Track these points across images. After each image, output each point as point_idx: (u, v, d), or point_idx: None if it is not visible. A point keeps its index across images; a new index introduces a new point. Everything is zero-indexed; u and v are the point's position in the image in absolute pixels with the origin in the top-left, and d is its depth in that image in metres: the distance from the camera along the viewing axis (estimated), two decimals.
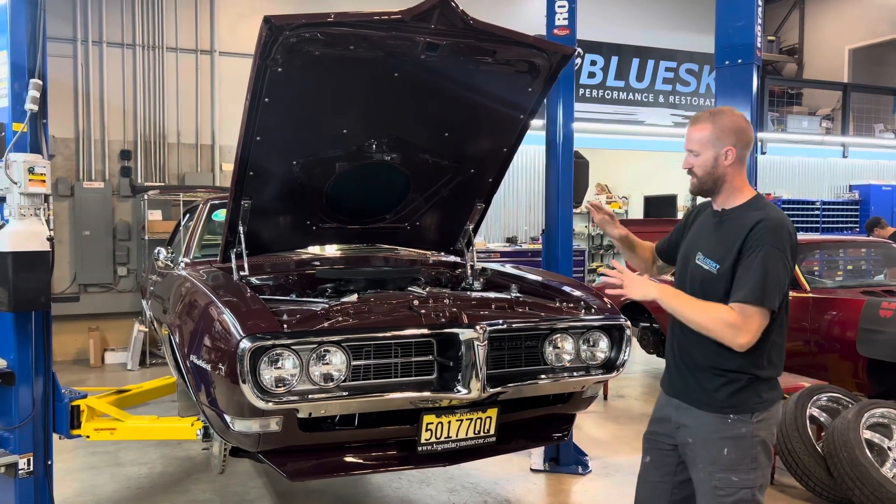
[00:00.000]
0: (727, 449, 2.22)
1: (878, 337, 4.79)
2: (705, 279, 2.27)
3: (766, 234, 2.15)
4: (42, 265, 3.29)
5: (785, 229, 2.19)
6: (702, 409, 2.28)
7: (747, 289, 2.13)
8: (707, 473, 2.25)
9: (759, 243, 2.14)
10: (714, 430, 2.24)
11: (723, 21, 5.30)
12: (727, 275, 2.20)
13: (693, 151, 2.32)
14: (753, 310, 2.13)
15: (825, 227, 12.03)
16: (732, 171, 2.28)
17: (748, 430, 2.22)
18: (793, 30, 14.93)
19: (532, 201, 11.03)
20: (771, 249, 2.14)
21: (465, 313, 2.92)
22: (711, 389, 2.25)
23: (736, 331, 2.13)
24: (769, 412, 2.26)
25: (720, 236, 2.28)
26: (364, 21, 2.77)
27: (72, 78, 8.57)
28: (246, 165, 3.15)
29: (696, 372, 2.29)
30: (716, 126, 2.28)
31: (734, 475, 2.21)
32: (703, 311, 2.18)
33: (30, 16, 3.34)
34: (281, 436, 2.76)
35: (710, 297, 2.23)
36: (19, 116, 3.31)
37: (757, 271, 2.13)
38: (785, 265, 2.16)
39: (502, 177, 3.79)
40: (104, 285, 8.76)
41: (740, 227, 2.22)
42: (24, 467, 3.37)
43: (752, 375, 2.22)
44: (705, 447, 2.26)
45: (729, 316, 2.13)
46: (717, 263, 2.23)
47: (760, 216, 2.20)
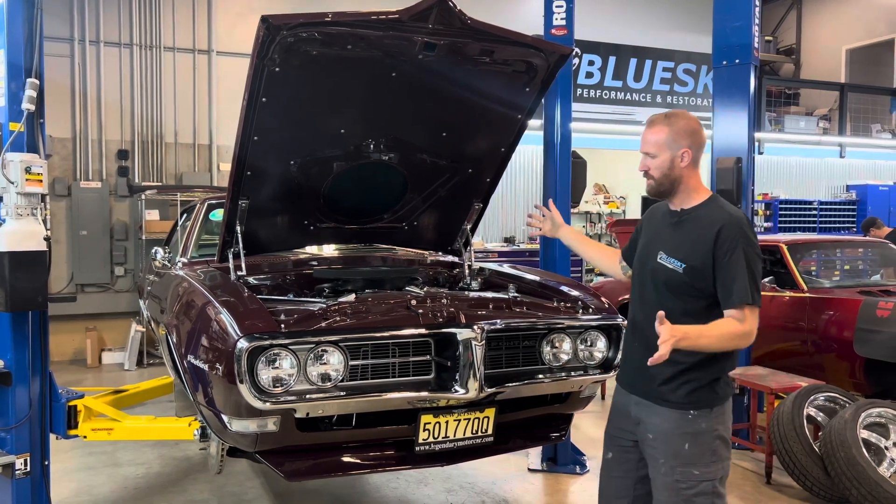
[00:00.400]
0: (688, 444, 2.27)
1: (875, 337, 4.79)
2: (670, 278, 2.31)
3: (736, 234, 2.22)
4: (39, 265, 3.28)
5: (748, 226, 2.28)
6: (662, 405, 2.32)
7: (740, 292, 2.20)
8: (669, 468, 2.30)
9: (733, 244, 2.21)
10: (675, 426, 2.30)
11: (720, 21, 5.31)
12: (693, 273, 2.26)
13: (650, 154, 2.37)
14: (750, 310, 2.21)
15: (822, 227, 12.05)
16: (688, 173, 2.34)
17: (708, 424, 2.29)
18: (790, 30, 14.94)
19: (530, 201, 11.03)
20: (747, 248, 2.22)
21: (462, 313, 2.92)
22: (673, 387, 2.30)
23: (746, 337, 2.22)
24: (725, 406, 2.34)
25: (682, 235, 2.33)
26: (361, 21, 2.77)
27: (69, 77, 8.56)
28: (243, 165, 3.15)
29: (658, 370, 2.28)
30: (672, 129, 2.33)
31: (695, 469, 2.27)
32: (719, 336, 2.19)
33: (27, 15, 3.34)
34: (278, 436, 2.76)
35: (676, 293, 2.30)
36: (16, 116, 3.30)
37: (742, 273, 2.19)
38: (760, 261, 2.26)
39: (500, 177, 3.79)
40: (101, 285, 8.74)
41: (704, 227, 2.27)
42: (21, 467, 3.36)
43: (714, 374, 2.29)
44: (666, 443, 2.31)
45: (738, 327, 2.20)
46: (682, 262, 2.28)
47: (725, 217, 2.27)
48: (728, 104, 5.31)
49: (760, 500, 4.27)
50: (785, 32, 15.01)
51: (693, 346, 2.17)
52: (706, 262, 2.24)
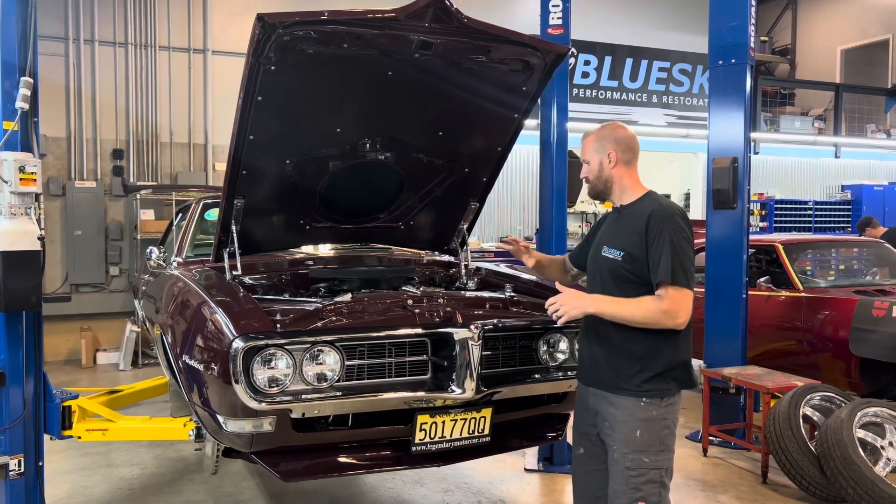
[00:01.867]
0: (639, 431, 2.39)
1: (870, 336, 4.81)
2: (611, 266, 2.48)
3: (664, 221, 2.38)
4: (33, 265, 3.26)
5: (678, 213, 2.42)
6: (616, 393, 2.44)
7: (662, 271, 2.32)
8: (621, 454, 2.41)
9: (660, 229, 2.36)
10: (628, 413, 2.41)
11: (716, 21, 5.32)
12: (630, 259, 2.42)
13: (586, 161, 2.61)
14: (675, 290, 2.32)
15: (817, 227, 12.08)
16: (619, 173, 2.54)
17: (659, 413, 2.40)
18: (785, 30, 14.97)
19: (526, 201, 11.03)
20: (673, 234, 2.35)
21: (459, 313, 2.91)
22: (628, 375, 2.41)
23: (670, 314, 2.32)
24: (675, 398, 2.46)
25: (620, 228, 2.52)
26: (357, 19, 2.76)
27: (63, 77, 8.52)
28: (239, 164, 3.14)
29: (613, 359, 2.45)
30: (597, 136, 2.58)
31: (645, 456, 2.38)
32: (638, 308, 2.35)
33: (20, 14, 3.32)
34: (274, 436, 2.75)
35: (618, 282, 2.45)
36: (10, 115, 3.29)
37: (666, 254, 2.32)
38: (689, 245, 2.38)
39: (496, 176, 3.79)
40: (96, 285, 8.71)
41: (637, 217, 2.45)
42: (15, 468, 3.34)
43: (666, 363, 2.40)
44: (619, 429, 2.42)
45: (660, 304, 2.32)
46: (620, 251, 2.45)
47: (654, 206, 2.44)
48: (724, 104, 5.32)
49: (757, 499, 4.27)
50: (780, 33, 15.04)
51: (605, 312, 2.37)
52: (640, 248, 2.39)
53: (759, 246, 6.24)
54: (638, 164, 2.60)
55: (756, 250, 6.24)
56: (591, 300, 2.43)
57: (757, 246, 6.21)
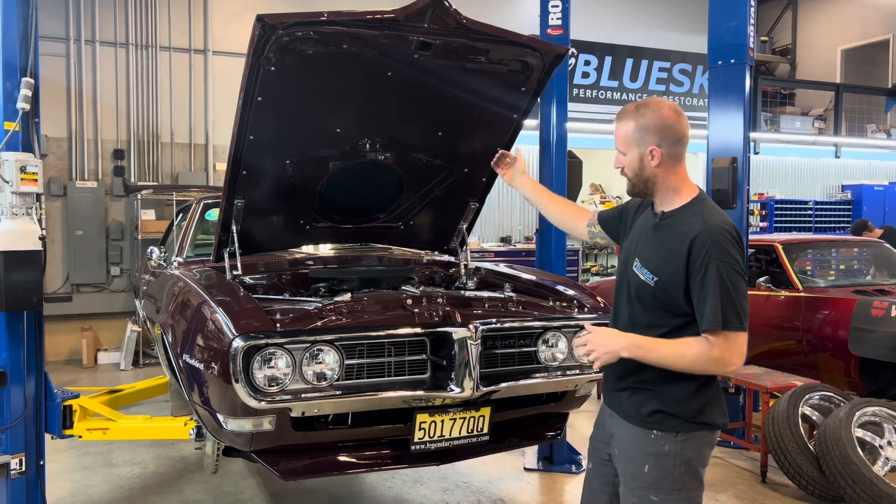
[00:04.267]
0: (648, 466, 2.08)
1: (869, 336, 4.81)
2: (640, 288, 2.11)
3: (710, 249, 1.96)
4: (34, 264, 3.28)
5: (726, 236, 1.99)
6: (627, 420, 2.15)
7: (709, 316, 1.94)
8: (628, 489, 2.14)
9: (705, 261, 1.95)
10: (636, 444, 2.12)
11: (715, 21, 5.32)
12: (662, 288, 2.04)
13: (620, 151, 2.14)
14: (727, 336, 1.95)
15: (818, 227, 12.08)
16: (664, 172, 2.08)
17: (672, 448, 2.06)
18: (785, 30, 14.97)
19: (526, 201, 11.03)
20: (720, 265, 1.95)
21: (458, 312, 2.92)
22: (637, 402, 2.12)
23: (722, 362, 1.97)
24: (696, 434, 2.08)
25: (657, 244, 2.10)
26: (357, 20, 2.77)
27: (64, 77, 8.54)
28: (239, 164, 3.15)
29: (624, 382, 2.16)
30: (638, 123, 2.07)
31: (654, 495, 2.07)
32: (683, 356, 1.98)
33: (21, 14, 3.34)
34: (274, 435, 2.76)
35: (646, 308, 2.10)
36: (11, 115, 3.30)
37: (715, 296, 1.93)
38: (741, 276, 1.98)
39: (496, 176, 3.78)
40: (97, 285, 8.73)
41: (678, 236, 2.03)
42: (16, 467, 3.36)
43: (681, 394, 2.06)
44: (627, 461, 2.15)
45: (710, 351, 1.95)
46: (654, 275, 2.06)
47: (699, 227, 1.99)
48: (723, 104, 5.32)
49: (756, 498, 4.28)
50: (780, 33, 15.04)
51: (644, 357, 2.02)
52: (677, 278, 2.00)
53: (758, 246, 6.25)
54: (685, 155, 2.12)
55: (756, 250, 6.25)
56: (625, 343, 2.03)
57: (756, 246, 6.22)
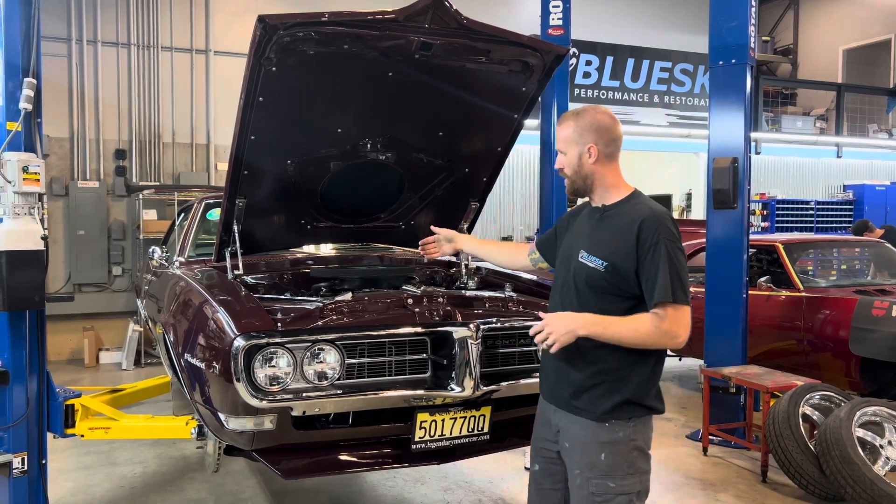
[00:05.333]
0: (604, 454, 2.17)
1: (870, 336, 4.82)
2: (591, 276, 2.20)
3: (658, 230, 2.12)
4: (36, 264, 3.29)
5: (670, 220, 2.17)
6: (580, 414, 2.21)
7: (660, 290, 2.08)
8: (584, 479, 2.19)
9: (654, 240, 2.10)
10: (591, 435, 2.19)
11: (716, 21, 5.33)
12: (613, 271, 2.16)
13: (561, 151, 2.30)
14: (675, 308, 2.09)
15: (819, 227, 12.07)
16: (601, 169, 2.25)
17: (626, 434, 2.17)
18: (787, 30, 14.97)
19: (527, 201, 11.04)
20: (668, 244, 2.11)
21: (458, 312, 2.93)
22: (592, 397, 2.19)
23: (671, 335, 2.10)
24: (645, 418, 2.21)
25: (604, 233, 2.22)
26: (358, 20, 2.78)
27: (66, 77, 8.55)
28: (240, 164, 3.16)
29: (581, 376, 2.21)
30: (577, 124, 2.25)
31: (611, 481, 2.16)
32: (636, 329, 2.11)
33: (24, 14, 3.34)
34: (275, 434, 2.77)
35: (596, 293, 2.19)
36: (13, 115, 3.31)
37: (664, 270, 2.08)
38: (684, 255, 2.15)
39: (497, 176, 3.80)
40: (99, 285, 8.74)
41: (625, 223, 2.17)
42: (19, 466, 3.37)
43: (635, 385, 2.17)
44: (582, 453, 2.21)
45: (660, 323, 2.09)
46: (604, 260, 2.17)
47: (644, 212, 2.16)
48: (724, 104, 5.33)
49: (756, 498, 4.28)
50: (782, 32, 15.04)
51: (598, 334, 2.11)
52: (628, 260, 2.13)
53: (759, 246, 6.25)
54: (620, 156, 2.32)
55: (757, 250, 6.25)
56: (581, 322, 2.12)
57: (758, 246, 6.22)
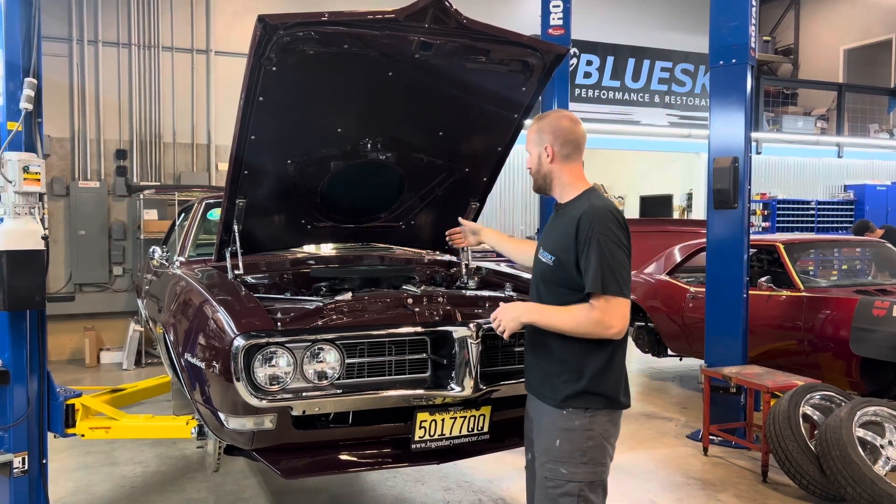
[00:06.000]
0: (559, 440, 2.27)
1: (871, 336, 4.81)
2: (544, 271, 2.35)
3: (592, 224, 2.21)
4: (37, 264, 3.29)
5: (608, 215, 2.23)
6: (543, 401, 2.35)
7: (591, 280, 2.17)
8: (540, 463, 2.33)
9: (588, 234, 2.20)
10: (551, 421, 2.31)
11: (717, 21, 5.33)
12: (558, 265, 2.28)
13: (528, 150, 2.46)
14: (607, 299, 2.17)
15: (820, 227, 12.07)
16: (558, 168, 2.38)
17: (581, 423, 2.25)
18: (788, 30, 14.96)
19: (528, 201, 11.05)
20: (601, 238, 2.19)
21: (458, 311, 2.93)
22: (555, 384, 2.30)
23: (603, 324, 2.18)
24: (603, 412, 2.28)
25: (555, 230, 2.38)
26: (358, 20, 2.78)
27: (67, 77, 8.56)
28: (241, 164, 3.16)
29: (544, 366, 2.35)
30: (537, 125, 2.41)
31: (563, 467, 2.26)
32: (570, 318, 2.22)
33: (24, 15, 3.35)
34: (275, 434, 2.77)
35: (549, 287, 2.33)
36: (14, 115, 3.31)
37: (595, 262, 2.17)
38: (620, 248, 2.21)
39: (497, 176, 3.80)
40: (99, 285, 8.75)
41: (569, 219, 2.29)
42: (19, 466, 3.37)
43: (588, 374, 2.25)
44: (542, 438, 2.34)
45: (590, 313, 2.18)
46: (553, 255, 2.31)
47: (584, 208, 2.27)
48: (725, 104, 5.33)
49: (757, 498, 4.28)
50: (783, 32, 15.03)
51: (536, 321, 2.27)
52: (568, 253, 2.25)
53: (760, 245, 6.25)
54: (582, 158, 2.44)
55: (757, 250, 6.25)
56: (523, 310, 2.31)
57: (758, 245, 6.22)
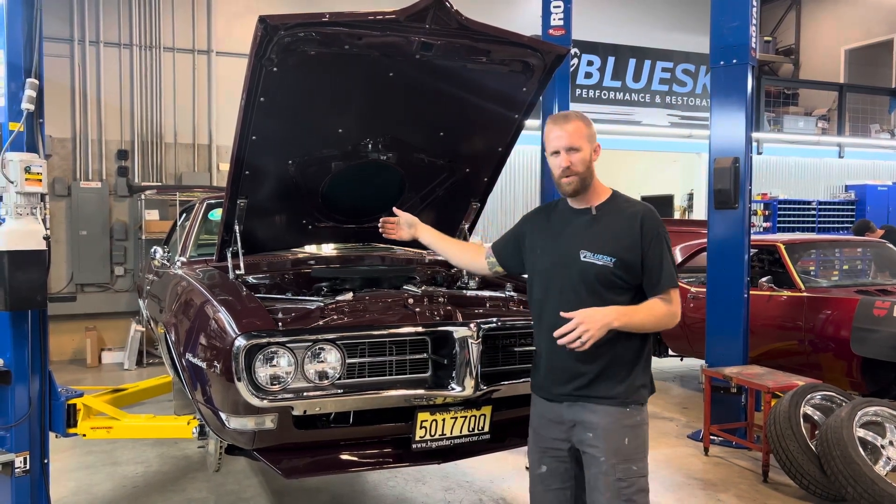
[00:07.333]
0: (628, 438, 2.29)
1: (871, 336, 4.82)
2: (601, 273, 2.30)
3: (656, 223, 2.34)
4: (38, 264, 3.30)
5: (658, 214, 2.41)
6: (600, 403, 2.31)
7: (668, 277, 2.30)
8: (610, 466, 2.27)
9: (654, 234, 2.31)
10: (614, 421, 2.30)
11: (718, 22, 5.33)
12: (622, 265, 2.29)
13: (575, 147, 2.36)
14: (675, 292, 2.34)
15: (821, 227, 12.06)
16: (594, 170, 2.43)
17: (642, 418, 2.35)
18: (789, 30, 14.96)
19: (528, 201, 11.04)
20: (665, 235, 2.34)
21: (459, 311, 2.93)
22: (611, 384, 2.31)
23: (676, 316, 2.34)
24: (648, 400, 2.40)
25: (603, 231, 2.34)
26: (359, 21, 2.78)
27: (69, 78, 8.58)
28: (242, 165, 3.16)
29: (603, 368, 2.31)
30: (587, 125, 2.42)
31: (634, 465, 2.29)
32: (652, 315, 2.29)
33: (26, 15, 3.36)
34: (276, 433, 2.77)
35: (608, 289, 2.31)
36: (16, 116, 3.32)
37: (667, 260, 2.31)
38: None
39: (497, 176, 3.81)
40: (101, 285, 8.76)
41: (626, 218, 2.34)
42: (21, 466, 3.38)
43: (642, 368, 2.37)
44: (607, 439, 2.29)
45: (669, 307, 2.31)
46: (612, 256, 2.29)
47: (642, 208, 2.38)
48: (726, 104, 5.33)
49: (757, 498, 4.29)
50: (784, 33, 15.03)
51: (627, 324, 2.24)
52: (634, 253, 2.29)
53: (761, 246, 6.25)
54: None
55: (758, 250, 6.25)
56: (615, 314, 2.21)
57: (759, 246, 6.22)
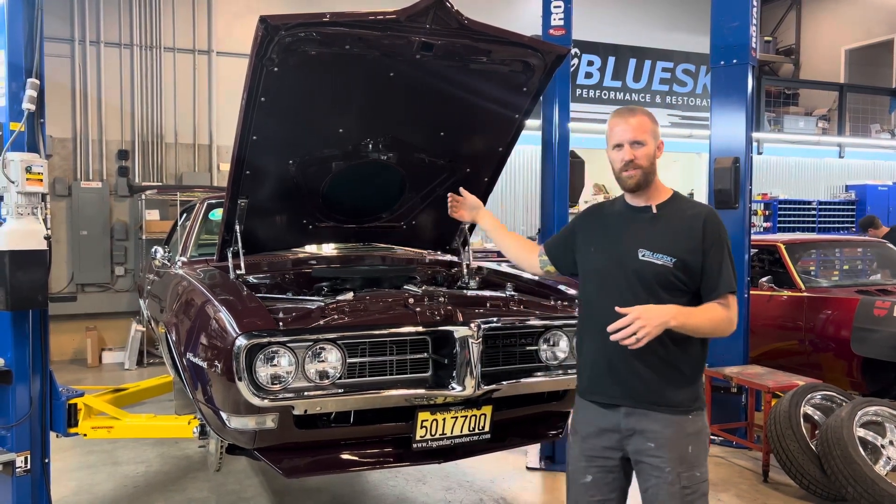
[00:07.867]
0: (691, 446, 2.25)
1: (872, 336, 4.82)
2: (659, 272, 2.24)
3: (719, 226, 2.29)
4: (39, 264, 3.30)
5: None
6: (662, 411, 2.25)
7: (726, 281, 2.24)
8: (675, 475, 2.22)
9: (716, 236, 2.26)
10: (678, 429, 2.25)
11: (718, 21, 5.34)
12: (682, 267, 2.23)
13: (640, 142, 2.30)
14: (734, 298, 2.28)
15: (821, 227, 12.06)
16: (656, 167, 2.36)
17: (703, 423, 2.32)
18: (789, 30, 14.96)
19: (529, 201, 11.05)
20: (726, 239, 2.29)
21: (459, 311, 2.93)
22: (674, 391, 2.26)
23: (733, 322, 2.27)
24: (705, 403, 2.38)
25: (663, 231, 2.29)
26: (359, 21, 2.79)
27: (69, 78, 8.58)
28: (242, 165, 3.17)
29: (663, 374, 2.26)
30: (653, 121, 2.35)
31: (697, 471, 2.26)
32: (708, 319, 2.21)
33: (27, 15, 3.36)
34: (277, 433, 2.77)
35: (665, 289, 2.24)
36: (17, 116, 3.32)
37: (727, 264, 2.25)
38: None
39: (498, 176, 3.80)
40: (101, 285, 8.77)
41: (688, 220, 2.28)
42: (22, 465, 3.38)
43: (700, 373, 2.34)
44: (671, 449, 2.23)
45: (727, 313, 2.24)
46: (672, 257, 2.24)
47: (705, 210, 2.33)
48: (726, 104, 5.33)
49: (758, 498, 4.29)
50: (784, 33, 15.03)
51: (684, 324, 2.16)
52: (695, 255, 2.23)
53: (761, 246, 6.25)
54: None
55: (759, 250, 6.25)
56: (673, 312, 2.14)
57: (759, 246, 6.23)
